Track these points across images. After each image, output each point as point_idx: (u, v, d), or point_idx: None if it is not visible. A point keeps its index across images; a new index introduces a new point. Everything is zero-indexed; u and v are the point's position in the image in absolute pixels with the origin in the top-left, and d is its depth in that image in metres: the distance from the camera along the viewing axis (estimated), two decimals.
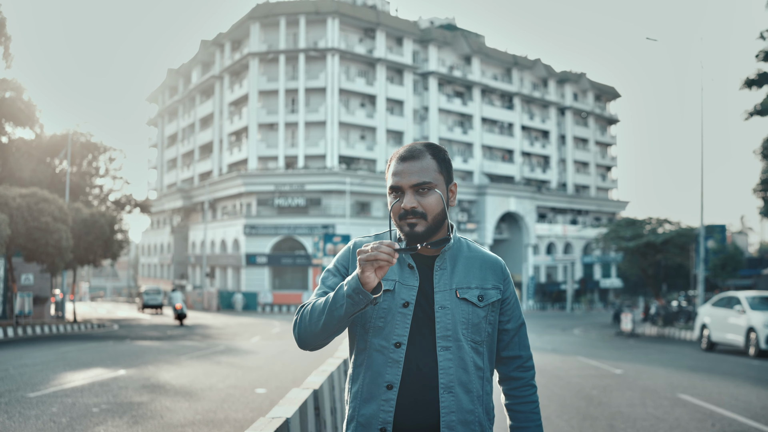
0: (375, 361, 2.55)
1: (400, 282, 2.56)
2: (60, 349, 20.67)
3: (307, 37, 67.05)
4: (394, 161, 2.59)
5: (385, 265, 2.28)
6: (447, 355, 2.50)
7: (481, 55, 77.76)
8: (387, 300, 2.55)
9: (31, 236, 25.20)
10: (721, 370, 16.64)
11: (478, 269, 2.64)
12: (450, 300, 2.54)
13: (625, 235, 37.21)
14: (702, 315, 24.14)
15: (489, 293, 2.60)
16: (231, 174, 67.81)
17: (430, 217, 2.50)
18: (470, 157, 75.96)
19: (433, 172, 2.54)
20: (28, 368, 15.02)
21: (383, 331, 2.54)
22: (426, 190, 2.51)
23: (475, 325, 2.57)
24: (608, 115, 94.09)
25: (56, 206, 26.06)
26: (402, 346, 2.51)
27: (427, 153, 2.58)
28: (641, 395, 12.26)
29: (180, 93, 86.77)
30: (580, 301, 75.33)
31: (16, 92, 40.23)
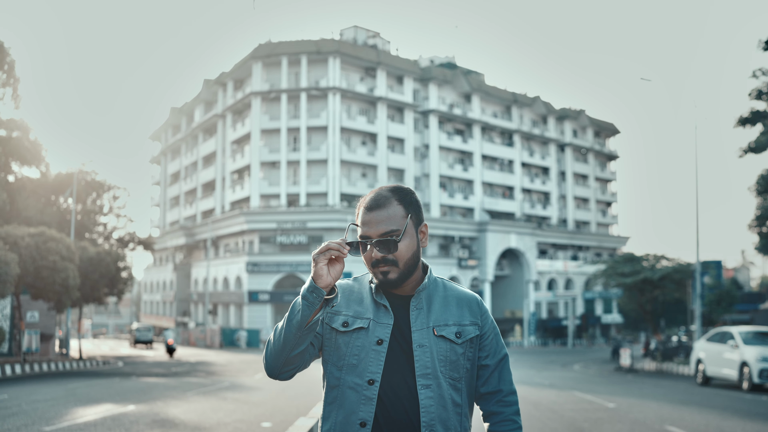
0: (347, 399, 2.54)
1: (375, 320, 2.59)
2: (68, 385, 21.04)
3: (309, 76, 67.97)
4: (361, 210, 2.60)
5: (337, 256, 2.39)
6: (428, 393, 2.51)
7: (480, 93, 78.66)
8: (361, 338, 2.57)
9: (39, 275, 25.69)
10: (712, 404, 17.00)
11: (455, 307, 2.65)
12: (428, 338, 2.56)
13: (624, 271, 37.71)
14: (697, 350, 24.48)
15: (467, 329, 2.62)
16: (233, 212, 68.37)
17: (401, 263, 2.55)
18: (471, 194, 76.54)
19: (399, 219, 2.55)
20: (40, 404, 15.41)
21: (357, 369, 2.54)
22: (394, 241, 2.52)
23: (453, 362, 2.57)
24: (608, 152, 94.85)
25: (64, 245, 26.59)
26: (375, 383, 2.51)
27: (393, 199, 2.59)
28: (630, 427, 12.68)
29: (183, 131, 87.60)
30: (581, 337, 75.45)
31: (23, 132, 40.91)
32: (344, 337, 2.59)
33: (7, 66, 37.86)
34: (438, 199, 72.61)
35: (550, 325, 77.97)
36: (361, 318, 2.59)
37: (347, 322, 2.60)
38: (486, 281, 73.10)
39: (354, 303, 2.64)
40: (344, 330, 2.59)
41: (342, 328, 2.60)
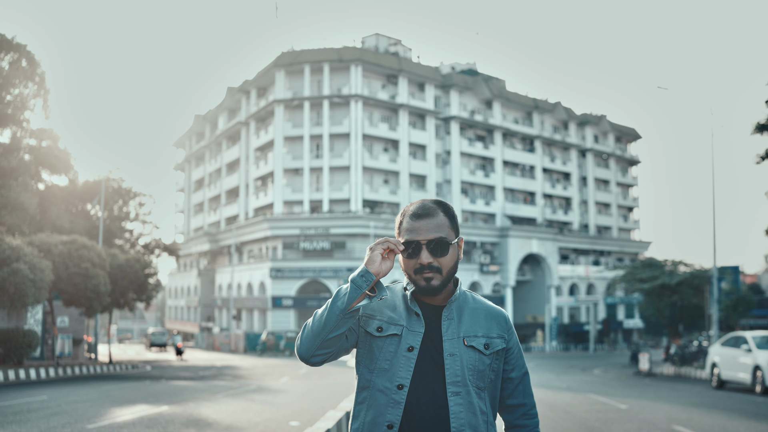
0: (377, 401, 2.65)
1: (407, 328, 2.70)
2: (102, 387, 21.79)
3: (331, 84, 68.74)
4: (407, 218, 2.72)
5: (392, 249, 2.59)
6: (458, 400, 2.62)
7: (502, 99, 79.13)
8: (393, 344, 2.69)
9: (71, 281, 26.54)
10: (723, 406, 17.48)
11: (483, 319, 2.77)
12: (458, 348, 2.68)
13: (642, 276, 38.13)
14: (712, 354, 24.95)
15: (494, 342, 2.74)
16: (257, 218, 69.22)
17: (445, 271, 2.67)
18: (492, 199, 77.00)
19: (446, 229, 2.68)
20: (78, 404, 16.14)
21: (387, 373, 2.66)
22: (445, 247, 2.67)
23: (480, 372, 2.69)
24: (629, 157, 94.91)
25: (95, 252, 27.43)
26: (404, 388, 2.62)
27: (439, 210, 2.72)
28: (639, 427, 13.27)
29: (207, 138, 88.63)
30: (603, 342, 75.65)
31: (53, 141, 41.93)
32: (377, 341, 2.71)
33: (38, 78, 38.83)
34: (459, 205, 73.10)
35: (572, 330, 78.15)
36: (395, 324, 2.70)
37: (381, 327, 2.71)
38: (507, 286, 73.51)
39: (388, 309, 2.75)
40: (378, 335, 2.71)
41: (376, 332, 2.71)
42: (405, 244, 2.64)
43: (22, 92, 37.82)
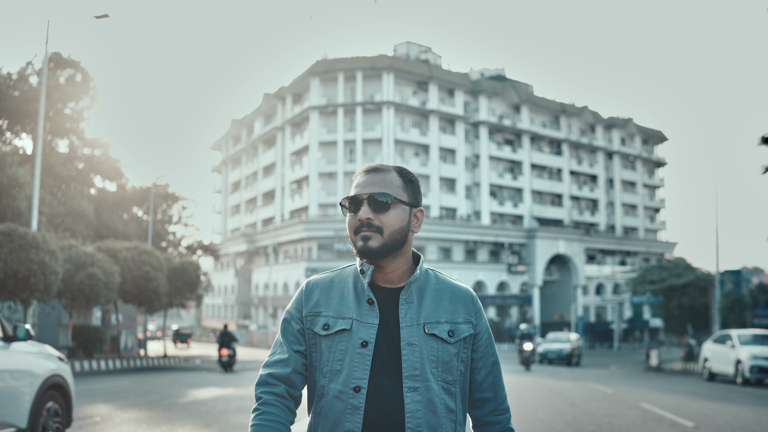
0: (333, 409, 2.32)
1: (358, 320, 2.36)
2: (170, 376, 24.49)
3: (364, 91, 71.28)
4: (358, 174, 2.44)
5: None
6: (414, 396, 2.29)
7: (529, 104, 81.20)
8: (344, 340, 2.34)
9: (135, 283, 29.34)
10: (696, 392, 20.23)
11: (447, 302, 2.42)
12: (417, 336, 2.33)
13: (652, 278, 40.54)
14: (705, 350, 27.73)
15: (460, 328, 2.39)
16: (293, 220, 71.93)
17: (386, 232, 2.33)
18: (520, 201, 79.14)
19: (395, 187, 2.38)
20: (159, 387, 18.84)
21: (341, 375, 2.32)
22: (386, 203, 2.35)
23: (446, 363, 2.36)
24: (656, 159, 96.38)
25: (155, 257, 30.27)
26: (362, 390, 2.29)
27: (393, 170, 2.44)
28: (612, 403, 16.08)
29: (243, 142, 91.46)
30: (627, 340, 77.46)
31: (104, 149, 44.84)
32: (326, 341, 2.37)
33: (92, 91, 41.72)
34: (488, 207, 75.33)
35: (598, 329, 79.93)
36: (342, 318, 2.37)
37: (328, 324, 2.38)
38: (535, 286, 75.65)
39: (334, 300, 2.41)
40: (326, 333, 2.37)
41: (323, 331, 2.38)
42: (347, 199, 2.38)
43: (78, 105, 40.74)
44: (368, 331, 2.33)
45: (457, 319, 2.40)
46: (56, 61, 37.81)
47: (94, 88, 41.50)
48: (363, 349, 2.31)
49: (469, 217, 73.84)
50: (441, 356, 2.34)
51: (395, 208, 2.36)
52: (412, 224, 2.43)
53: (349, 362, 2.32)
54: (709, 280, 38.28)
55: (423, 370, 2.31)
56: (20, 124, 36.57)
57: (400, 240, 2.35)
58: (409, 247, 2.43)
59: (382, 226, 2.33)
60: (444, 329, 2.36)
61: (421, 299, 2.40)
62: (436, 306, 2.40)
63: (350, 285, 2.44)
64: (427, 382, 2.31)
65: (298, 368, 2.42)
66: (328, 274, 2.51)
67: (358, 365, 2.31)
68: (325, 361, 2.37)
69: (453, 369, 2.37)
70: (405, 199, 2.39)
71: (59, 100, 38.06)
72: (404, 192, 2.40)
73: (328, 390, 2.34)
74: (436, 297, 2.42)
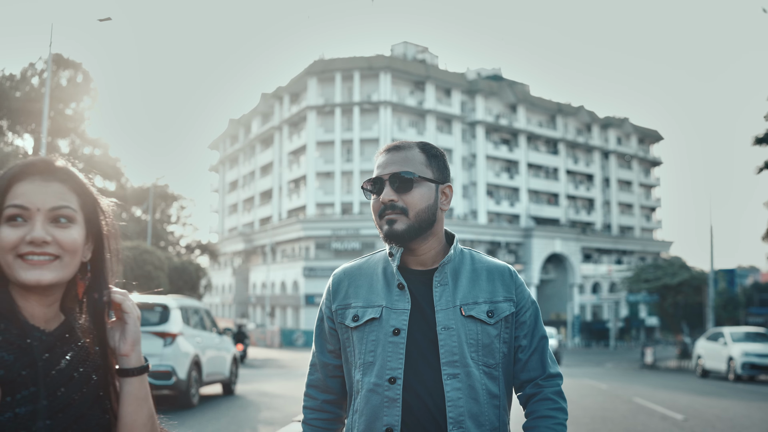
0: (369, 403, 2.19)
1: (388, 307, 2.22)
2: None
3: (362, 90, 71.58)
4: (379, 154, 2.32)
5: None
6: (455, 384, 2.15)
7: (526, 104, 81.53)
8: (374, 330, 2.22)
9: (136, 282, 29.78)
10: (688, 388, 20.81)
11: (485, 281, 2.28)
12: (454, 319, 2.19)
13: (647, 277, 41.01)
14: (698, 348, 28.24)
15: (500, 307, 2.25)
16: (290, 219, 72.28)
17: (411, 213, 2.19)
18: (517, 201, 79.50)
19: (418, 164, 2.24)
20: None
21: (374, 367, 2.20)
22: (409, 182, 2.20)
23: (487, 346, 2.21)
24: (652, 158, 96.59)
25: (156, 257, 30.62)
26: (397, 381, 2.15)
27: (415, 147, 2.30)
28: (606, 398, 16.65)
29: (241, 142, 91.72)
30: (624, 339, 77.86)
31: (104, 149, 45.18)
32: (357, 333, 2.27)
33: (93, 92, 42.07)
34: (485, 207, 75.71)
35: (594, 328, 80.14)
36: (372, 307, 2.26)
37: (357, 315, 2.28)
38: (531, 285, 75.93)
39: (363, 289, 2.32)
40: (355, 325, 2.27)
41: (353, 323, 2.28)
42: (369, 181, 2.27)
43: (79, 106, 41.09)
44: (400, 318, 2.20)
45: (496, 298, 2.27)
46: (57, 62, 38.17)
47: (95, 89, 41.87)
48: (395, 337, 2.19)
49: (465, 216, 74.21)
50: (481, 339, 2.22)
51: (419, 186, 2.22)
52: (441, 202, 2.29)
53: (382, 352, 2.20)
54: (703, 279, 38.78)
55: (462, 355, 2.19)
56: (21, 125, 36.90)
57: (428, 220, 2.23)
58: (440, 225, 2.31)
59: (406, 206, 2.20)
60: (482, 310, 2.23)
61: (456, 280, 2.27)
62: (473, 286, 2.27)
63: (379, 271, 2.34)
64: (467, 368, 2.18)
65: (329, 371, 2.39)
66: (357, 262, 2.45)
67: (392, 355, 2.19)
68: (358, 354, 2.27)
69: (495, 352, 2.24)
70: (430, 176, 2.25)
71: (60, 101, 38.44)
72: (428, 168, 2.27)
73: (363, 384, 2.24)
74: (473, 277, 2.29)
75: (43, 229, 1.58)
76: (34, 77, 37.92)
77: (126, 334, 1.69)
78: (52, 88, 35.16)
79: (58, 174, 1.64)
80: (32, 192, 1.60)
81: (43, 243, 1.57)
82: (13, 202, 1.58)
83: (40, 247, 1.57)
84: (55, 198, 1.61)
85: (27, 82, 38.22)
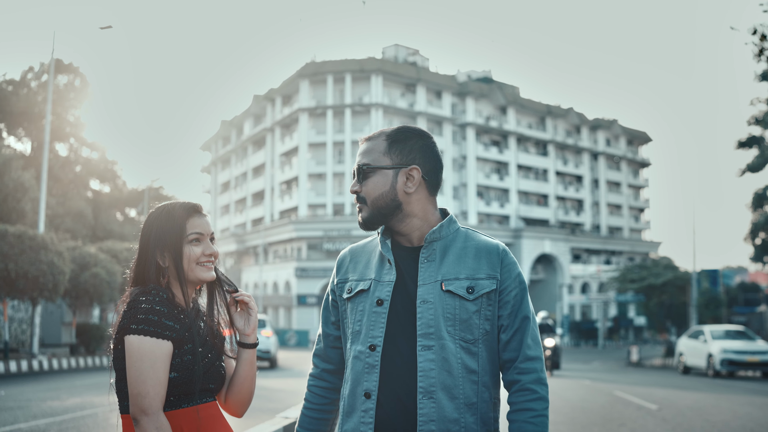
0: (354, 369, 2.34)
1: (376, 280, 2.38)
2: None
3: (353, 93, 72.25)
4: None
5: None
6: (428, 355, 2.24)
7: (516, 106, 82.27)
8: (363, 301, 2.38)
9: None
10: (667, 383, 21.71)
11: (472, 258, 2.33)
12: (434, 293, 2.28)
13: (632, 277, 42.04)
14: (680, 345, 29.14)
15: (481, 284, 2.29)
16: (282, 220, 72.88)
17: (369, 201, 2.36)
18: (507, 202, 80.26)
19: (377, 154, 2.37)
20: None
21: (360, 335, 2.35)
22: (364, 172, 2.37)
23: (464, 321, 2.26)
24: (640, 159, 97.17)
25: None
26: (377, 348, 2.29)
27: (382, 135, 2.41)
28: (587, 391, 17.65)
29: (233, 143, 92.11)
30: (612, 339, 78.70)
31: (101, 152, 45.83)
32: (350, 304, 2.43)
33: (90, 96, 42.73)
34: (475, 208, 76.48)
35: (583, 327, 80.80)
36: (364, 280, 2.41)
37: (351, 288, 2.44)
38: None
39: (361, 265, 2.48)
40: (348, 296, 2.44)
41: (347, 294, 2.45)
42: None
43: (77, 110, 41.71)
44: (384, 290, 2.34)
45: (478, 275, 2.32)
46: (56, 66, 38.87)
47: (92, 93, 42.55)
48: (378, 307, 2.33)
49: (456, 217, 74.59)
50: (458, 314, 2.28)
51: (374, 175, 2.37)
52: (404, 185, 2.37)
53: (367, 321, 2.34)
54: (687, 279, 39.80)
55: (438, 328, 2.26)
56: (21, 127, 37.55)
57: (386, 206, 2.36)
58: (418, 206, 2.39)
59: (365, 196, 2.39)
60: (462, 285, 2.29)
61: (443, 257, 2.36)
62: (458, 263, 2.34)
63: (378, 250, 2.46)
64: (441, 341, 2.25)
65: (330, 342, 2.59)
66: (363, 241, 2.60)
67: (374, 324, 2.32)
68: (348, 323, 2.44)
69: (474, 327, 2.29)
70: (387, 163, 2.36)
71: (59, 105, 39.11)
72: (386, 156, 2.37)
73: (350, 352, 2.39)
74: (461, 254, 2.36)
75: (213, 246, 2.57)
76: (33, 81, 38.56)
77: (250, 321, 2.62)
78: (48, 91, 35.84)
79: (204, 212, 2.63)
80: (202, 224, 2.57)
81: (212, 255, 2.56)
82: (195, 230, 2.54)
83: (211, 257, 2.55)
84: (210, 227, 2.60)
85: (25, 85, 38.88)
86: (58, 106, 38.51)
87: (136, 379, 2.31)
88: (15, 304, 28.10)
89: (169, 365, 2.38)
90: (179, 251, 2.52)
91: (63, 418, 11.56)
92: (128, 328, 2.36)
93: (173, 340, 2.40)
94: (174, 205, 2.60)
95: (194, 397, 2.46)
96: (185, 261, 2.52)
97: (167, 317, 2.41)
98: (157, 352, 2.34)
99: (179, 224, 2.54)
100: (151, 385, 2.31)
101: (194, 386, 2.44)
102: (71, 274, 25.60)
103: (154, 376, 2.32)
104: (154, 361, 2.33)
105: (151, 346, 2.33)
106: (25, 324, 29.46)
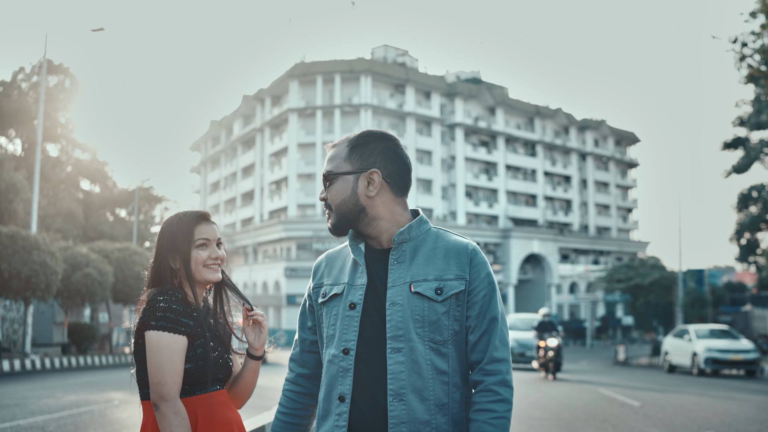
0: (328, 373, 2.36)
1: (349, 284, 2.39)
2: None
3: (342, 93, 72.53)
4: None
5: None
6: (398, 357, 2.25)
7: (504, 106, 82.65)
8: (336, 305, 2.39)
9: (126, 282, 30.65)
10: (651, 381, 22.17)
11: (441, 259, 2.34)
12: (402, 295, 2.29)
13: (620, 277, 42.51)
14: (665, 344, 29.66)
15: (449, 285, 2.29)
16: (272, 220, 73.09)
17: (334, 207, 2.39)
18: (495, 202, 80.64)
19: (338, 160, 2.40)
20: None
21: (334, 340, 2.36)
22: (327, 180, 2.42)
23: (434, 323, 2.27)
24: (628, 160, 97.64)
25: (145, 258, 31.53)
26: (350, 352, 2.30)
27: (345, 141, 2.45)
28: (573, 389, 18.09)
29: (222, 143, 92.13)
30: (600, 338, 79.19)
31: (92, 153, 45.99)
32: (325, 308, 2.45)
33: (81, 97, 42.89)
34: (464, 208, 76.83)
35: (572, 327, 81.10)
36: (337, 284, 2.43)
37: (325, 292, 2.46)
38: (510, 285, 77.20)
39: (336, 269, 2.50)
40: (322, 301, 2.46)
41: (321, 299, 2.47)
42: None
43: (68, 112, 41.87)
44: (357, 294, 2.36)
45: (447, 276, 2.32)
46: (47, 67, 39.04)
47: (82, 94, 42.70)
48: (351, 311, 2.35)
49: (445, 217, 75.26)
50: (427, 315, 2.28)
51: (336, 181, 2.40)
52: (366, 189, 2.39)
53: (341, 325, 2.36)
54: (673, 279, 40.30)
55: (407, 330, 2.26)
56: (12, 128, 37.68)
57: (350, 211, 2.39)
58: (384, 209, 2.41)
59: (330, 202, 2.42)
60: (430, 287, 2.29)
61: (413, 258, 2.36)
62: (427, 264, 2.34)
63: (352, 254, 2.47)
64: (411, 343, 2.26)
65: (306, 346, 2.62)
66: (339, 246, 2.62)
67: (348, 327, 2.34)
68: (323, 328, 2.47)
69: (443, 329, 2.30)
70: (347, 169, 2.39)
71: (50, 105, 39.27)
72: (347, 162, 2.39)
73: (325, 356, 2.41)
74: (430, 255, 2.36)
75: (219, 251, 2.87)
76: (24, 82, 38.70)
77: (260, 337, 2.92)
78: (40, 93, 36.02)
79: (211, 219, 2.92)
80: (209, 230, 2.86)
81: (218, 258, 2.86)
82: (202, 236, 2.83)
83: (217, 260, 2.85)
84: (217, 233, 2.88)
85: (15, 86, 39.00)
86: (48, 106, 38.65)
87: (156, 369, 2.63)
88: (7, 303, 28.28)
89: (184, 357, 2.69)
90: (188, 255, 2.82)
91: (60, 414, 11.83)
92: (148, 325, 2.69)
93: (188, 335, 2.72)
94: (185, 213, 2.92)
95: (207, 385, 2.78)
96: (193, 263, 2.82)
97: (182, 315, 2.72)
98: (174, 346, 2.66)
99: (188, 230, 2.84)
100: (169, 375, 2.62)
101: (207, 376, 2.75)
102: (63, 274, 25.80)
103: (172, 367, 2.63)
104: (171, 353, 2.64)
105: (168, 340, 2.65)
106: (18, 324, 29.67)
